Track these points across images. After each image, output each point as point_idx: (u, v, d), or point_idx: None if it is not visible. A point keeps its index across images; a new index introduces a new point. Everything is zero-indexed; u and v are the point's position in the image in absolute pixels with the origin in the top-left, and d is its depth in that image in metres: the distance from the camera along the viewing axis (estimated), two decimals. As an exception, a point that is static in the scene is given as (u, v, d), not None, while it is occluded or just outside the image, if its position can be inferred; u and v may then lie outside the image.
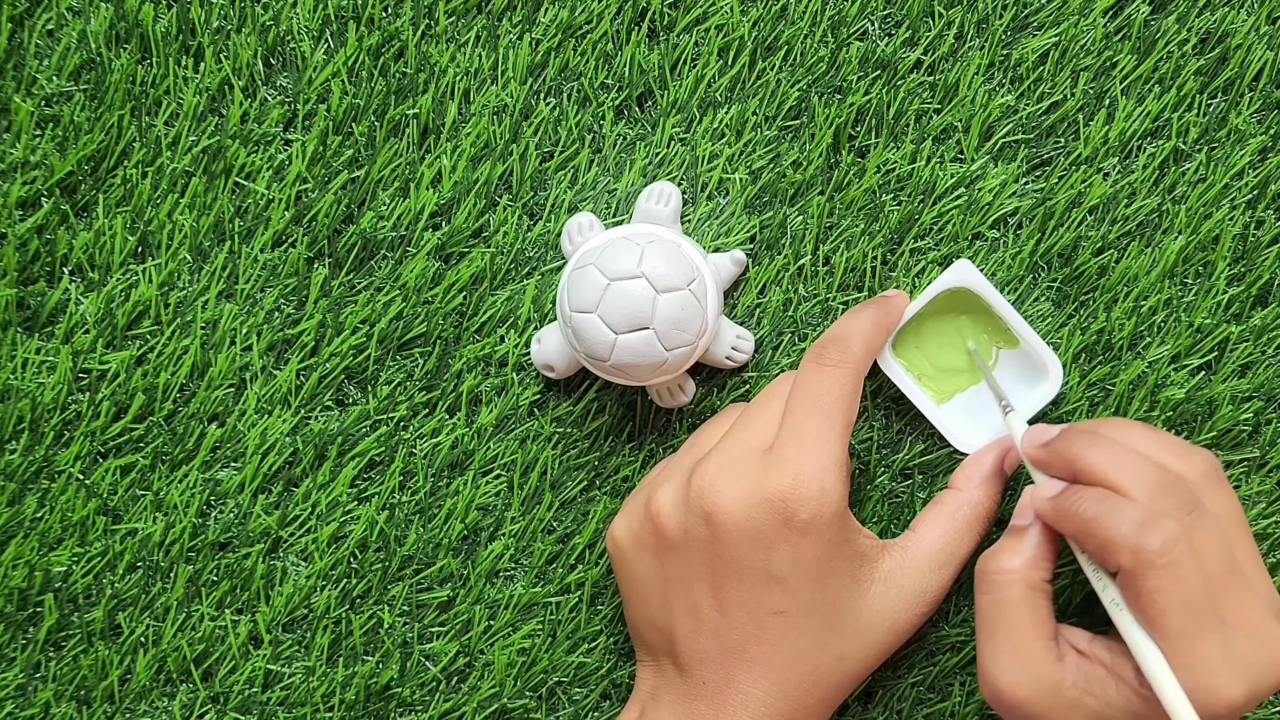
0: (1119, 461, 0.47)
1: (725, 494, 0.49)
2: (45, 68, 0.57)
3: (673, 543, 0.50)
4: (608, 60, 0.58)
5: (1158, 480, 0.46)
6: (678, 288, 0.51)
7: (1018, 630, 0.47)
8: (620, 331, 0.51)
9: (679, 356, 0.52)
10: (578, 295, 0.51)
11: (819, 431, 0.50)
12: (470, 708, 0.57)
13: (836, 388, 0.50)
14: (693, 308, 0.51)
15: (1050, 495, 0.48)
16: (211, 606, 0.57)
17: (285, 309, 0.57)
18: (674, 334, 0.51)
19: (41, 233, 0.57)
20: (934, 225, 0.58)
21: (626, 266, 0.51)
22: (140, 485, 0.57)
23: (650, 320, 0.51)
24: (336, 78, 0.57)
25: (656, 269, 0.51)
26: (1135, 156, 0.58)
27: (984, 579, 0.49)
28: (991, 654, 0.48)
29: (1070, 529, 0.47)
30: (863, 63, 0.58)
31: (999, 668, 0.47)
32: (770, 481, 0.49)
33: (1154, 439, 0.49)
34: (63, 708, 0.56)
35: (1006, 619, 0.48)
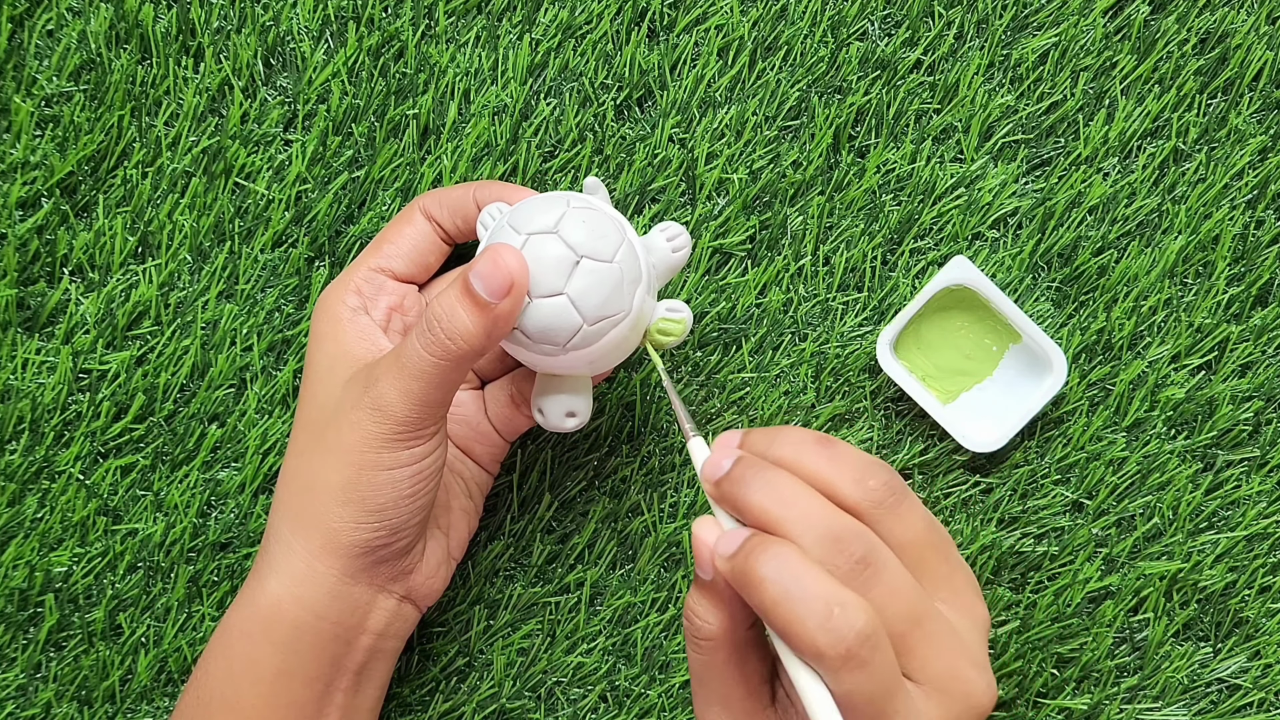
0: (787, 510, 0.43)
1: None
2: (45, 68, 0.57)
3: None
4: (608, 60, 0.58)
5: (828, 531, 0.43)
6: (561, 212, 0.47)
7: (727, 687, 0.46)
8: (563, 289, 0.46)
9: (627, 258, 0.47)
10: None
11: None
12: (469, 708, 0.57)
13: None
14: (596, 212, 0.47)
15: (727, 555, 0.43)
16: (212, 607, 0.57)
17: (285, 309, 0.57)
18: (601, 244, 0.47)
19: (42, 233, 0.57)
20: (934, 225, 0.58)
21: (507, 239, 0.47)
22: (141, 485, 0.57)
23: (570, 251, 0.46)
24: (336, 78, 0.57)
25: (531, 218, 0.47)
26: (1135, 156, 0.58)
27: (690, 640, 0.46)
28: (705, 707, 0.46)
29: (751, 603, 0.43)
30: (862, 63, 0.58)
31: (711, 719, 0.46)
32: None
33: (830, 460, 0.45)
34: (64, 708, 0.56)
35: (715, 678, 0.46)
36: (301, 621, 0.49)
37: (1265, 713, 0.57)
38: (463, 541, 0.54)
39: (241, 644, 0.50)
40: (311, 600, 0.49)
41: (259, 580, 0.50)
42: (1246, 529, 0.57)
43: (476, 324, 0.45)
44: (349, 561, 0.49)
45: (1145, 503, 0.57)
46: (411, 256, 0.53)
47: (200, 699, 0.50)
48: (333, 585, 0.49)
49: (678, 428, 0.53)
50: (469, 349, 0.46)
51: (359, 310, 0.52)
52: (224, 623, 0.51)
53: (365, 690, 0.52)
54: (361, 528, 0.48)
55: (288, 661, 0.49)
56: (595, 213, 0.47)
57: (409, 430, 0.47)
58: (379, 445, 0.47)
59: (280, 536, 0.49)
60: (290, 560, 0.49)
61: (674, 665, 0.57)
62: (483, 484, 0.55)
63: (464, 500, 0.54)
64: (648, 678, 0.57)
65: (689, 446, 0.47)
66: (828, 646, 0.41)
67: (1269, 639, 0.57)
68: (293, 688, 0.49)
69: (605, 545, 0.57)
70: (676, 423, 0.53)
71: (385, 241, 0.53)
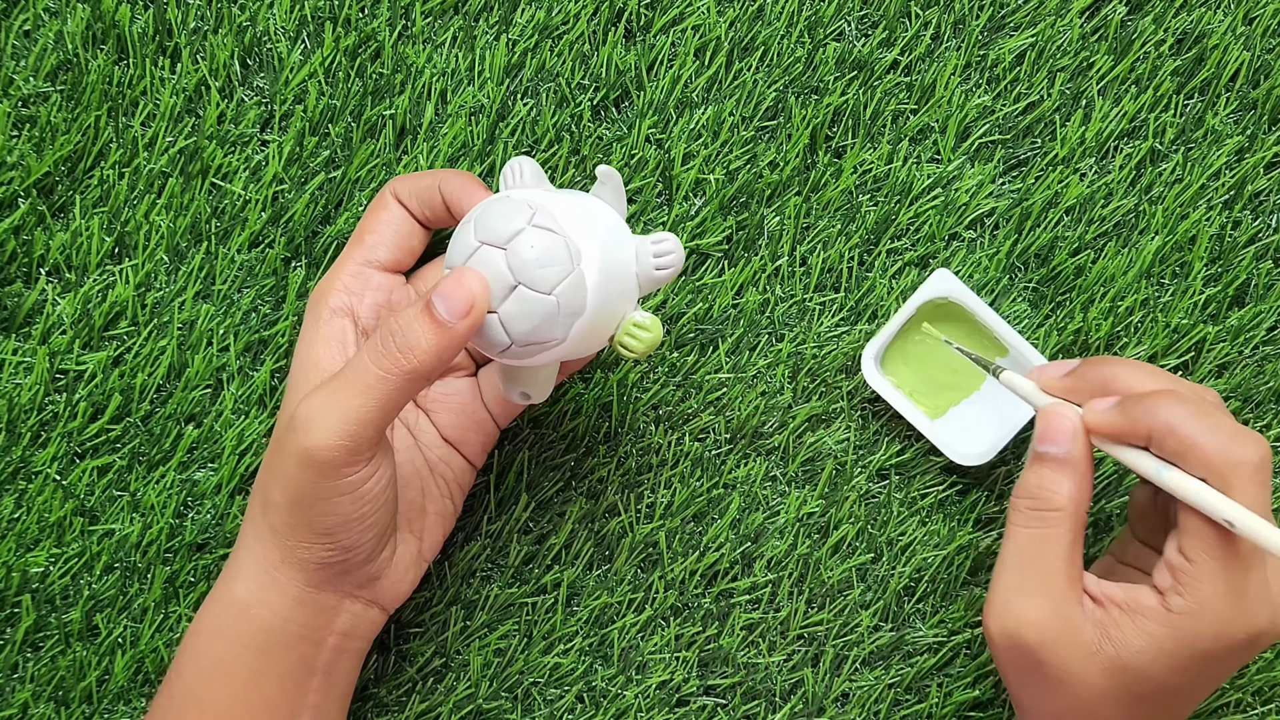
0: (1159, 380, 0.47)
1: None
2: (22, 68, 0.57)
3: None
4: (584, 61, 0.58)
5: (1201, 394, 0.47)
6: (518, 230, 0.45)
7: (1058, 565, 0.46)
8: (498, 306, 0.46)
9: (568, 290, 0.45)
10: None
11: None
12: (446, 709, 0.57)
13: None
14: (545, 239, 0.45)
15: (1109, 405, 0.47)
16: (189, 608, 0.57)
17: (262, 309, 0.57)
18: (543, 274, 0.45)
19: (18, 233, 0.57)
20: (910, 226, 0.58)
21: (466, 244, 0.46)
22: (117, 486, 0.57)
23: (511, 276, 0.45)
24: (313, 78, 0.57)
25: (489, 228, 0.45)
26: (1112, 157, 0.58)
27: (1026, 514, 0.47)
28: (1018, 589, 0.46)
29: (1143, 433, 0.45)
30: (839, 63, 0.58)
31: (1025, 605, 0.46)
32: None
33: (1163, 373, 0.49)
34: (41, 708, 0.56)
35: (1050, 554, 0.46)
36: (269, 624, 0.49)
37: (1242, 713, 0.57)
38: (436, 544, 0.54)
39: (214, 644, 0.50)
40: (277, 605, 0.49)
41: (228, 583, 0.50)
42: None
43: (431, 341, 0.45)
44: (309, 574, 0.49)
45: (1123, 503, 0.57)
46: (395, 242, 0.53)
47: (174, 699, 0.50)
48: (296, 593, 0.49)
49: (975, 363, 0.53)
50: (420, 366, 0.45)
51: (340, 312, 0.52)
52: (195, 623, 0.51)
53: (335, 688, 0.52)
54: (314, 548, 0.48)
55: (259, 662, 0.49)
56: (551, 236, 0.45)
57: (342, 458, 0.45)
58: (314, 475, 0.46)
59: (246, 542, 0.50)
60: (255, 567, 0.49)
61: (650, 666, 0.57)
62: (465, 483, 0.55)
63: (441, 503, 0.54)
64: (624, 678, 0.57)
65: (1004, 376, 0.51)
66: (1242, 456, 0.43)
67: (1246, 639, 0.57)
68: (264, 687, 0.49)
69: (582, 546, 0.57)
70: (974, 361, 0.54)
71: (365, 232, 0.53)
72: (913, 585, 0.57)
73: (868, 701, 0.57)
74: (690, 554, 0.57)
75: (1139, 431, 0.46)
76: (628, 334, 0.48)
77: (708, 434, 0.58)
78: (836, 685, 0.57)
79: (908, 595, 0.57)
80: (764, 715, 0.57)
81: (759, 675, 0.57)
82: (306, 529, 0.47)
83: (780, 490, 0.58)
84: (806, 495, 0.57)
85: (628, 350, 0.48)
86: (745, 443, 0.58)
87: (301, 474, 0.46)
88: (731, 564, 0.57)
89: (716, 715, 0.57)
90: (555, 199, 0.47)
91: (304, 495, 0.46)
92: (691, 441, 0.58)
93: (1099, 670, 0.45)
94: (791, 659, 0.57)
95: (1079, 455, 0.47)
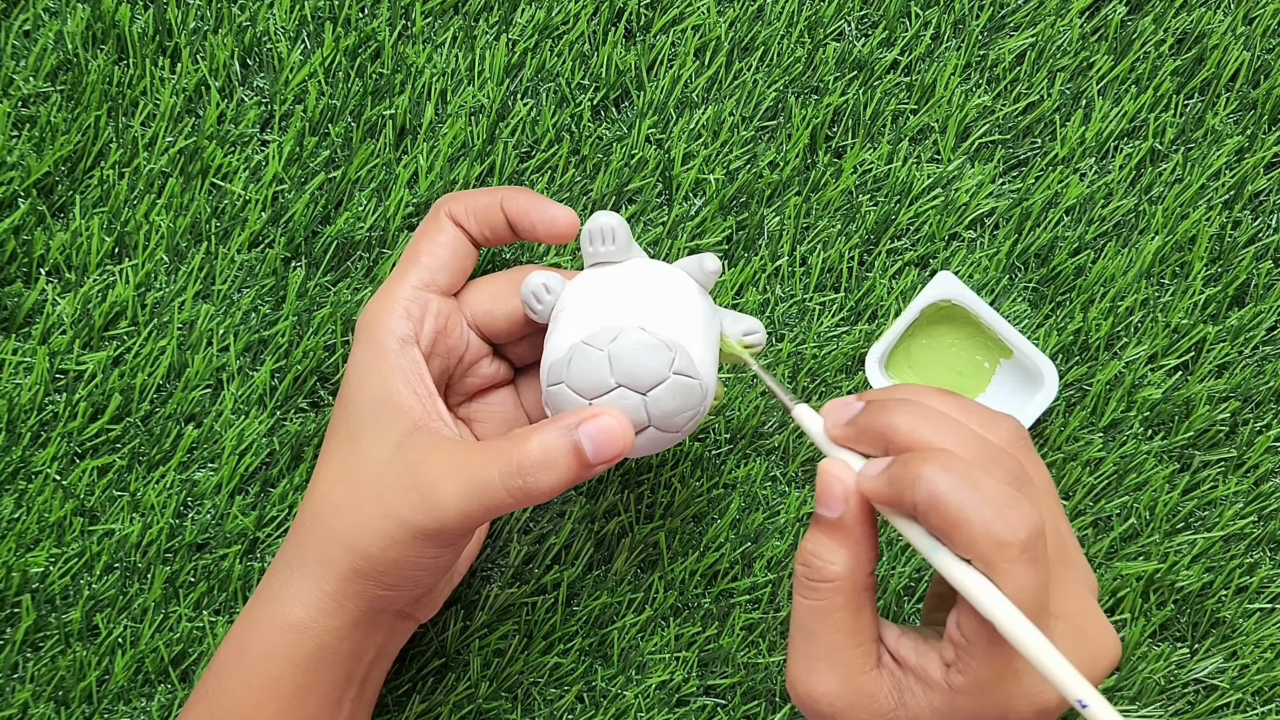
0: (939, 429, 0.42)
1: None
2: (22, 68, 0.57)
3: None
4: (584, 61, 0.58)
5: (982, 449, 0.41)
6: (661, 380, 0.46)
7: (840, 637, 0.43)
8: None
9: (692, 425, 0.47)
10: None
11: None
12: (446, 709, 0.57)
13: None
14: (685, 387, 0.46)
15: (880, 469, 0.42)
16: (189, 607, 0.57)
17: (262, 309, 0.57)
18: (677, 419, 0.46)
19: (18, 233, 0.57)
20: (910, 226, 0.58)
21: (601, 379, 0.46)
22: (117, 486, 0.57)
23: (647, 419, 0.46)
24: (313, 78, 0.57)
25: (631, 374, 0.45)
26: (1112, 157, 0.58)
27: (804, 583, 0.43)
28: (808, 660, 0.43)
29: (909, 504, 0.41)
30: (839, 63, 0.58)
31: (816, 676, 0.43)
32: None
33: (958, 406, 0.44)
34: (41, 708, 0.56)
35: (829, 626, 0.43)
36: (325, 644, 0.49)
37: (1242, 713, 0.57)
38: (470, 557, 0.55)
39: (262, 664, 0.49)
40: (336, 628, 0.49)
41: (280, 605, 0.49)
42: (1223, 529, 0.57)
43: (568, 477, 0.45)
44: (373, 603, 0.49)
45: (1122, 503, 0.57)
46: (452, 266, 0.51)
47: (214, 713, 0.50)
48: (356, 617, 0.49)
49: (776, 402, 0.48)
50: (548, 493, 0.45)
51: (408, 342, 0.49)
52: (240, 640, 0.50)
53: (367, 695, 0.52)
54: (393, 591, 0.48)
55: (307, 679, 0.49)
56: (691, 385, 0.46)
57: (456, 535, 0.47)
58: (410, 543, 0.46)
59: (305, 567, 0.49)
60: (315, 593, 0.49)
61: (650, 666, 0.57)
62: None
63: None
64: (624, 678, 0.57)
65: (795, 413, 0.45)
66: (1008, 536, 0.39)
67: (1245, 639, 0.57)
68: (309, 702, 0.49)
69: (582, 546, 0.57)
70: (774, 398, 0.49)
71: (422, 253, 0.51)
72: (912, 585, 0.57)
73: None
74: (690, 554, 0.57)
75: (903, 502, 0.41)
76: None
77: (708, 434, 0.58)
78: (836, 685, 0.57)
79: (908, 595, 0.57)
80: (764, 715, 0.57)
81: (759, 675, 0.57)
82: (376, 580, 0.48)
83: (780, 490, 0.58)
84: (806, 495, 0.57)
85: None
86: (745, 443, 0.58)
87: (411, 542, 0.46)
88: (731, 564, 0.57)
89: (716, 715, 0.57)
90: (675, 313, 0.46)
91: (390, 553, 0.47)
92: (691, 442, 0.58)
93: None
94: (791, 659, 0.57)
95: (852, 519, 0.42)
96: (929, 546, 0.41)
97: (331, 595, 0.48)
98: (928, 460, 0.40)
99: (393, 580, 0.48)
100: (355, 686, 0.51)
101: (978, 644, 0.41)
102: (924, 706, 0.42)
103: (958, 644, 0.41)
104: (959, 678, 0.41)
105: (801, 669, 0.43)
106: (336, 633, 0.49)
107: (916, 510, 0.40)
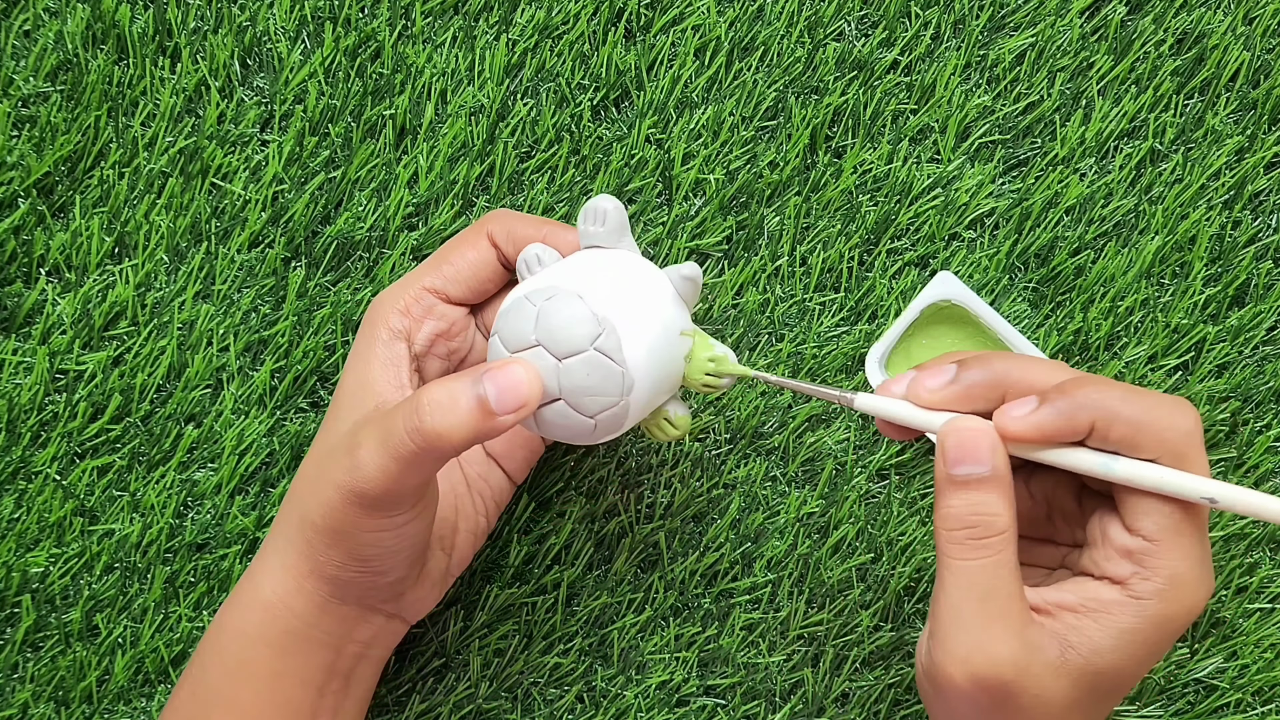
0: (1044, 368, 0.44)
1: None
2: (22, 68, 0.57)
3: None
4: (584, 61, 0.58)
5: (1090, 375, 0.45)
6: (579, 350, 0.44)
7: (1017, 588, 0.43)
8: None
9: (608, 420, 0.45)
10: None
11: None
12: (446, 709, 0.57)
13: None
14: (603, 367, 0.44)
15: (1029, 409, 0.43)
16: (189, 607, 0.57)
17: (262, 309, 0.57)
18: (590, 401, 0.45)
19: (18, 233, 0.57)
20: (910, 226, 0.58)
21: (523, 334, 0.45)
22: (117, 486, 0.57)
23: (557, 390, 0.45)
24: (313, 78, 0.57)
25: (551, 333, 0.44)
26: (1112, 157, 0.58)
27: (969, 545, 0.43)
28: (982, 626, 0.42)
29: (1084, 427, 0.42)
30: (839, 63, 0.58)
31: (995, 641, 0.42)
32: None
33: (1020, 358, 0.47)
34: (41, 708, 0.56)
35: (1007, 578, 0.43)
36: (293, 628, 0.49)
37: (1242, 713, 0.57)
38: (465, 559, 0.54)
39: (237, 643, 0.50)
40: (302, 611, 0.49)
41: (254, 582, 0.50)
42: (1223, 529, 0.57)
43: (471, 425, 0.44)
44: (336, 587, 0.49)
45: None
46: (469, 283, 0.51)
47: (197, 695, 0.50)
48: (322, 602, 0.49)
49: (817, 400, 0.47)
50: (453, 445, 0.44)
51: (399, 335, 0.50)
52: (219, 620, 0.51)
53: (353, 693, 0.52)
54: (346, 568, 0.48)
55: (281, 662, 0.49)
56: (609, 367, 0.44)
57: (388, 502, 0.46)
58: (358, 511, 0.46)
59: (277, 546, 0.50)
60: (284, 572, 0.49)
61: (650, 666, 0.57)
62: (501, 500, 0.54)
63: (475, 520, 0.53)
64: (624, 678, 0.57)
65: (858, 403, 0.46)
66: (1190, 424, 0.42)
67: (1246, 639, 0.57)
68: (286, 688, 0.49)
69: (582, 546, 0.57)
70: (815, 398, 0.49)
71: (445, 262, 0.51)
72: (913, 585, 0.57)
73: (868, 701, 0.57)
74: (690, 554, 0.57)
75: (1078, 427, 0.42)
76: (658, 425, 0.48)
77: (708, 434, 0.58)
78: (836, 685, 0.57)
79: (908, 595, 0.57)
80: (764, 715, 0.57)
81: (759, 675, 0.57)
82: (342, 552, 0.48)
83: (780, 490, 0.58)
84: (806, 495, 0.57)
85: (652, 435, 0.48)
86: (745, 443, 0.58)
87: (345, 508, 0.46)
88: (731, 564, 0.57)
89: (716, 715, 0.57)
90: (624, 298, 0.45)
91: (345, 527, 0.47)
92: (691, 442, 0.58)
93: (1067, 685, 0.43)
94: (791, 659, 0.57)
95: (1004, 468, 0.43)
96: (1101, 464, 0.43)
97: (293, 573, 0.49)
98: (1089, 383, 0.43)
99: (341, 557, 0.47)
100: (337, 679, 0.51)
101: (1164, 539, 0.42)
102: (1103, 636, 0.42)
103: (1138, 551, 0.43)
104: (1147, 584, 0.42)
105: (978, 636, 0.42)
106: (304, 617, 0.49)
107: (1094, 430, 0.42)
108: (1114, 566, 0.43)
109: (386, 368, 0.50)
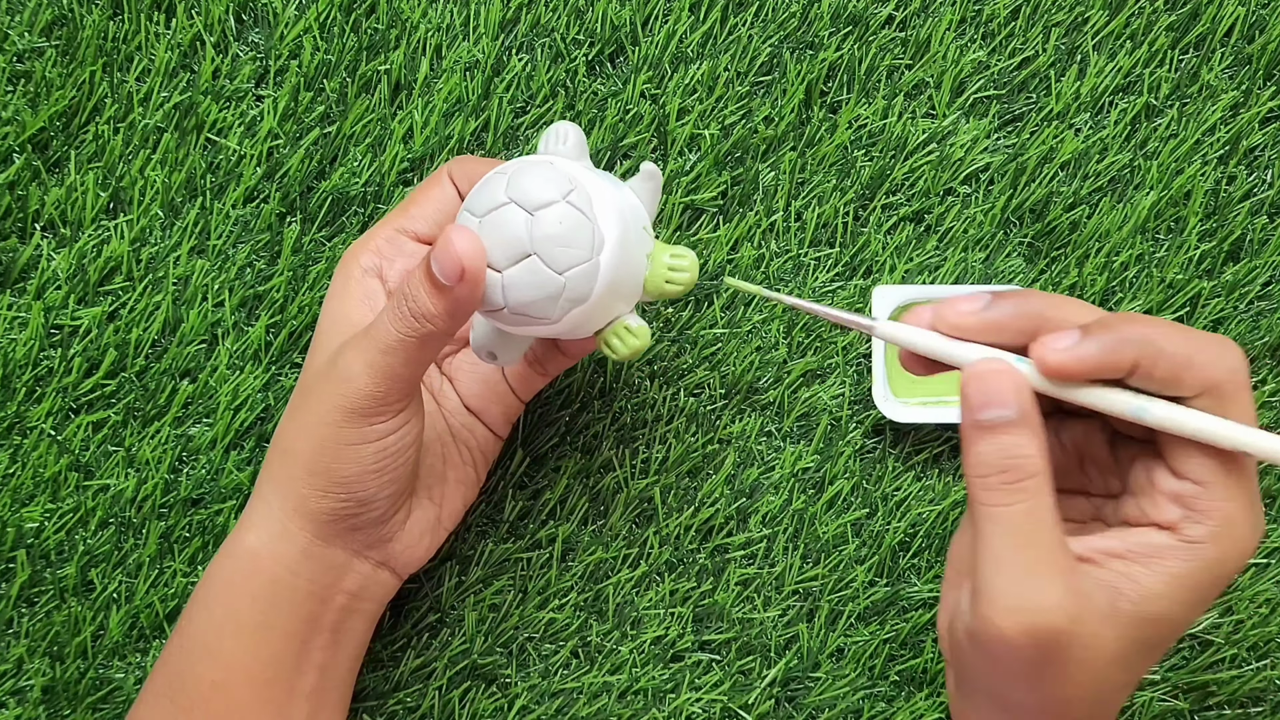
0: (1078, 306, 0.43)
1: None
2: (17, 24, 0.57)
3: None
4: (579, 16, 0.58)
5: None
6: (551, 201, 0.44)
7: (1055, 537, 0.41)
8: (504, 268, 0.45)
9: (578, 277, 0.45)
10: None
11: None
12: (441, 664, 0.57)
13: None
14: (574, 218, 0.44)
15: (1071, 343, 0.41)
16: (184, 563, 0.57)
17: (257, 264, 0.57)
18: (561, 252, 0.44)
19: (13, 189, 0.57)
20: (905, 181, 0.58)
21: (494, 197, 0.45)
22: (112, 441, 0.57)
23: (529, 245, 0.44)
24: (308, 34, 0.57)
25: (523, 190, 0.45)
26: (1107, 112, 0.58)
27: (1004, 490, 0.41)
28: (1027, 574, 0.40)
29: (1127, 364, 0.41)
30: (834, 18, 0.58)
31: (1039, 591, 0.40)
32: None
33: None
34: (36, 663, 0.56)
35: (1047, 522, 0.41)
36: (277, 577, 0.49)
37: (1237, 668, 0.57)
38: (456, 513, 0.54)
39: (223, 593, 0.50)
40: (286, 557, 0.49)
41: (240, 532, 0.50)
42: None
43: (438, 305, 0.45)
44: (320, 526, 0.49)
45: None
46: (435, 219, 0.52)
47: (184, 646, 0.50)
48: (305, 545, 0.49)
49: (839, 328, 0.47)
50: (434, 330, 0.45)
51: (371, 272, 0.52)
52: (208, 571, 0.51)
53: (343, 648, 0.52)
54: (328, 497, 0.48)
55: (266, 615, 0.49)
56: (581, 219, 0.45)
57: (372, 406, 0.47)
58: (341, 420, 0.47)
59: (262, 492, 0.50)
60: (268, 517, 0.49)
61: (645, 621, 0.57)
62: (489, 452, 0.55)
63: (463, 470, 0.54)
64: (619, 634, 0.57)
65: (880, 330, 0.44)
66: (1236, 362, 0.41)
67: (1240, 595, 0.57)
68: (272, 640, 0.49)
69: (577, 501, 0.57)
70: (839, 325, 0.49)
71: (412, 204, 0.53)
72: (908, 540, 0.57)
73: (863, 656, 0.57)
74: (685, 509, 0.57)
75: (1121, 363, 0.41)
76: (616, 335, 0.48)
77: (703, 389, 0.58)
78: (832, 640, 0.57)
79: (903, 550, 0.57)
80: (759, 670, 0.57)
81: (754, 630, 0.57)
82: (324, 476, 0.48)
83: (775, 446, 0.58)
84: (801, 450, 0.57)
85: (611, 351, 0.48)
86: (740, 398, 0.58)
87: (331, 418, 0.47)
88: (726, 519, 0.57)
89: (711, 670, 0.57)
90: (593, 180, 0.46)
91: (329, 440, 0.47)
92: (686, 397, 0.58)
93: (1116, 636, 0.41)
94: (786, 614, 0.57)
95: (1031, 409, 0.41)
96: (1137, 407, 0.41)
97: (277, 515, 0.49)
98: (1132, 320, 0.41)
99: (323, 482, 0.48)
100: (324, 634, 0.51)
101: (1213, 481, 0.41)
102: (1155, 582, 0.41)
103: (1187, 495, 0.41)
104: (1198, 528, 0.41)
105: (1024, 586, 0.40)
106: (288, 564, 0.49)
107: (1137, 367, 0.41)
108: (1162, 512, 0.42)
109: (362, 302, 0.51)
